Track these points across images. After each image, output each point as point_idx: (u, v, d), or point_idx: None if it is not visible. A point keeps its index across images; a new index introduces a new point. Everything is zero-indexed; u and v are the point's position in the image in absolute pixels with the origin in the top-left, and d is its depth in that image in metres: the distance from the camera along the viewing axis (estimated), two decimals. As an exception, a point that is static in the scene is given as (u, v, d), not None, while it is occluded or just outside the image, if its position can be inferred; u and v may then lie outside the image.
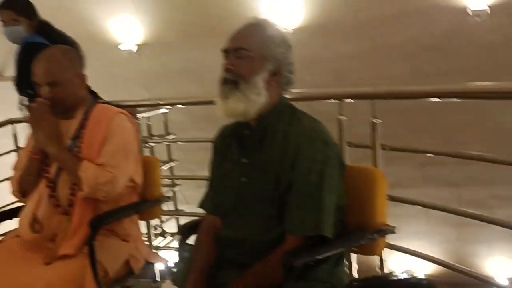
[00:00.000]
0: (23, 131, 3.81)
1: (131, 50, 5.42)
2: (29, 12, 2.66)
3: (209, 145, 1.57)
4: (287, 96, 1.46)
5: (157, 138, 3.30)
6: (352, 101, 2.05)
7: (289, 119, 1.40)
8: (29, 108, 1.75)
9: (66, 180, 1.76)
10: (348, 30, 4.63)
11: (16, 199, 1.94)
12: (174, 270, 1.57)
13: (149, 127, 3.27)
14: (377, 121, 1.97)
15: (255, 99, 1.35)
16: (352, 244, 1.41)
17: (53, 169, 1.78)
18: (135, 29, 5.33)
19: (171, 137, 3.42)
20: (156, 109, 3.36)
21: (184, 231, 1.61)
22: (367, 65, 4.74)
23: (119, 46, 5.51)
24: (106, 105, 1.90)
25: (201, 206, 1.59)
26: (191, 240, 1.59)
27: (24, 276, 1.64)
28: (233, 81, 1.35)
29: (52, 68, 1.73)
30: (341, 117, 2.07)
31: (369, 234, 1.43)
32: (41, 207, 1.74)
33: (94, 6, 5.03)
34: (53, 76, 1.72)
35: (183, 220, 3.61)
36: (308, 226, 1.30)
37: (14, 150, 3.77)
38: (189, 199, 4.29)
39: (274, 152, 1.36)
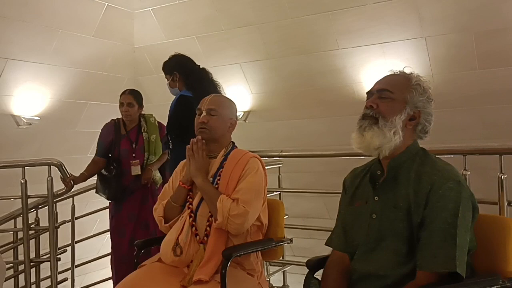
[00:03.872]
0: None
1: (238, 116, 5.84)
2: (171, 70, 3.03)
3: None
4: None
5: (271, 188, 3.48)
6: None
7: (421, 160, 1.48)
8: (190, 142, 2.04)
9: (204, 212, 1.98)
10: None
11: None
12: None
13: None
14: (504, 176, 1.96)
15: (391, 137, 1.44)
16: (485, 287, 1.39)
17: (195, 201, 2.02)
18: (244, 97, 5.79)
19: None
20: (272, 164, 3.60)
21: (311, 265, 1.69)
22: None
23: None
24: (242, 150, 2.13)
25: (328, 243, 1.69)
26: (318, 274, 1.68)
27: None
28: (373, 117, 1.48)
29: (217, 100, 2.11)
30: (465, 172, 2.10)
31: (502, 281, 1.41)
32: (182, 234, 1.96)
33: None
34: (215, 105, 2.07)
35: (289, 273, 3.66)
36: (441, 262, 1.33)
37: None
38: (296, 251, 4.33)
39: (407, 190, 1.43)
